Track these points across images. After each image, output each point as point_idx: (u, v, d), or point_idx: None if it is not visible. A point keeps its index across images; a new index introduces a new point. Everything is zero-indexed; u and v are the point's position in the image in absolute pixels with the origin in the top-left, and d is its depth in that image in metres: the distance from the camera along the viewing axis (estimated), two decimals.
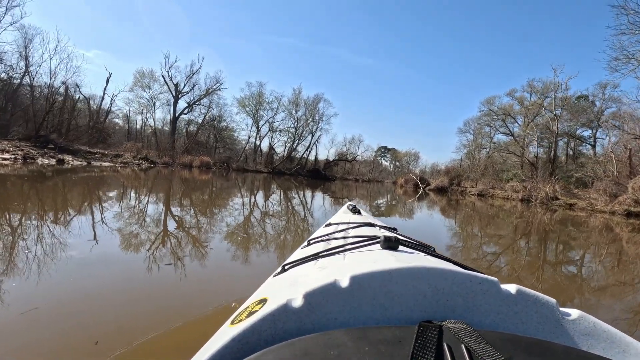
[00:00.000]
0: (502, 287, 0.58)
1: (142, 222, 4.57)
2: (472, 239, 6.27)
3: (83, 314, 1.85)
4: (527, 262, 4.43)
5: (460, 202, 17.08)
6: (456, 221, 9.22)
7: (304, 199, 12.28)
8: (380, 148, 57.26)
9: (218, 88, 36.54)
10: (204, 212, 6.10)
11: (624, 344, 0.52)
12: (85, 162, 19.72)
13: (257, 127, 40.19)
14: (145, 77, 35.29)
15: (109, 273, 2.54)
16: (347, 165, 47.15)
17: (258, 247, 3.93)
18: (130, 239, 3.62)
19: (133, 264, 2.82)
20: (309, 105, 40.57)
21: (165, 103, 36.22)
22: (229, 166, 34.16)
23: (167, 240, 3.73)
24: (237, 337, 0.49)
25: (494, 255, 4.66)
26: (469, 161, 34.81)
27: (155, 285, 2.38)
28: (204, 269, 2.87)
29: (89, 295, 2.10)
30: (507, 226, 8.64)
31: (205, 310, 1.97)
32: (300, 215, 7.31)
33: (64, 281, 2.28)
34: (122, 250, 3.17)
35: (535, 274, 3.83)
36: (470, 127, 38.75)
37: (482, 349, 0.41)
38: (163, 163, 27.70)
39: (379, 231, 1.36)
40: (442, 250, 4.34)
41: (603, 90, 27.48)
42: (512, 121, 34.77)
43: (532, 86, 31.90)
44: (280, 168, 38.41)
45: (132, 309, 1.98)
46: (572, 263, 4.80)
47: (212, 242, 3.74)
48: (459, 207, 14.12)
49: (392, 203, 14.30)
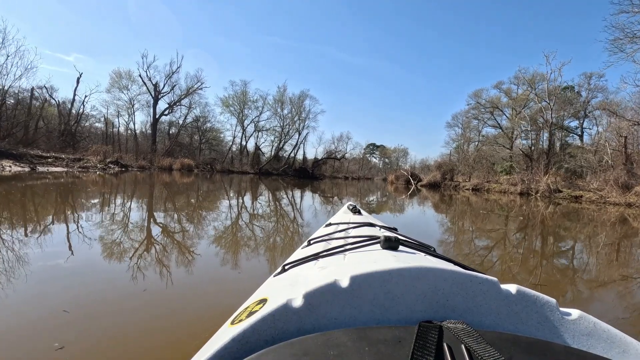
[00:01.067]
0: (502, 287, 0.58)
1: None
2: (474, 238, 5.83)
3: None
4: (540, 265, 4.01)
5: (454, 198, 16.39)
6: (454, 219, 8.70)
7: (293, 199, 11.97)
8: (369, 145, 56.79)
9: (199, 87, 35.15)
10: (172, 224, 5.31)
11: (624, 344, 0.52)
12: (28, 167, 17.08)
13: (242, 127, 38.99)
14: (123, 78, 33.38)
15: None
16: (336, 163, 46.34)
17: (247, 250, 3.88)
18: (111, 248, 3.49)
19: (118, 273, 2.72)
20: (294, 103, 39.51)
21: (145, 105, 34.52)
22: (213, 168, 32.73)
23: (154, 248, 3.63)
24: (237, 337, 0.49)
25: (501, 259, 4.31)
26: (459, 155, 34.12)
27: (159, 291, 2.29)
28: (190, 276, 2.81)
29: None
30: (510, 223, 8.04)
31: (204, 312, 1.97)
32: (289, 217, 7.14)
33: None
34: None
35: (555, 280, 3.42)
36: (458, 120, 38.65)
37: (482, 349, 0.41)
38: (139, 167, 26.00)
39: (379, 231, 1.36)
40: (442, 251, 3.51)
41: (588, 80, 27.90)
42: (499, 114, 34.94)
43: (519, 78, 32.08)
44: (267, 168, 37.31)
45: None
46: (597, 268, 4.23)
47: (196, 256, 3.70)
48: (454, 204, 13.45)
49: (383, 200, 13.91)
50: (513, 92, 34.47)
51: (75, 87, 30.63)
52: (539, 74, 30.70)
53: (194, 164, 30.79)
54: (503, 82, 34.26)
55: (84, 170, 19.41)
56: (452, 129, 39.62)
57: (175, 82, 34.78)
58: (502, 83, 34.36)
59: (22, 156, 19.34)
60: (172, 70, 34.10)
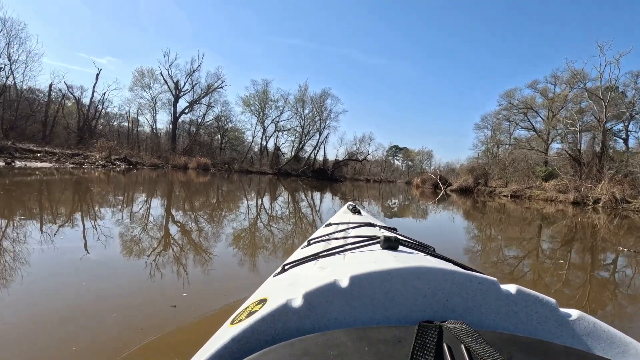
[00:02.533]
0: (502, 287, 0.58)
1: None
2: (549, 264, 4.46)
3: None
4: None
5: (492, 205, 14.22)
6: (512, 237, 6.81)
7: (311, 201, 11.52)
8: (392, 147, 55.00)
9: (220, 86, 34.42)
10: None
11: (623, 344, 0.52)
12: (2, 162, 15.01)
13: (262, 126, 37.83)
14: (145, 76, 32.98)
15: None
16: (358, 165, 44.52)
17: (252, 250, 3.87)
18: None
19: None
20: (315, 102, 38.19)
21: (167, 103, 34.10)
22: (231, 168, 31.67)
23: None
24: (236, 337, 0.50)
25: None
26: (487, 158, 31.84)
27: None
28: (206, 274, 2.87)
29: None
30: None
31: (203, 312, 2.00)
32: (307, 219, 7.01)
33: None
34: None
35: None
36: (488, 122, 36.62)
37: (482, 349, 0.41)
38: (152, 165, 25.00)
39: (379, 231, 1.37)
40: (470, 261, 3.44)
41: (635, 80, 25.41)
42: (533, 115, 32.42)
43: (557, 76, 30.23)
44: (287, 169, 36.14)
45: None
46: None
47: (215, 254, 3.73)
48: (503, 214, 11.10)
49: (407, 205, 13.04)
50: (550, 92, 31.66)
51: (94, 83, 30.81)
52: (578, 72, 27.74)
53: (210, 163, 29.66)
54: (538, 81, 32.17)
55: (77, 167, 17.80)
56: (481, 131, 37.71)
57: (196, 81, 34.16)
58: (537, 82, 32.22)
59: (2, 149, 17.24)
60: (192, 69, 33.78)
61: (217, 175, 22.96)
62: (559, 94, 31.07)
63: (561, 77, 31.09)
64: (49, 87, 27.37)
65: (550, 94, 31.64)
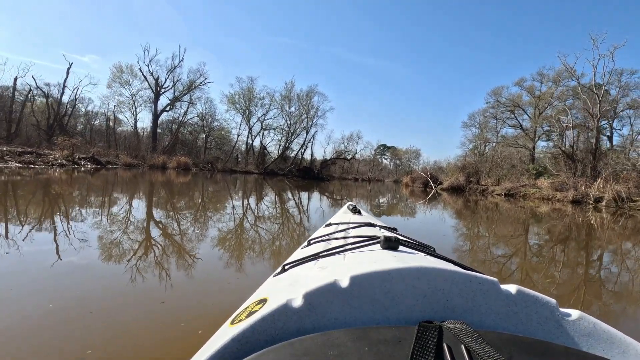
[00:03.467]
0: (502, 288, 0.58)
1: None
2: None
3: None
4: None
5: (486, 205, 13.45)
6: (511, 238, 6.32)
7: (296, 201, 11.09)
8: (380, 146, 54.66)
9: (203, 82, 33.03)
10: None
11: (624, 344, 0.53)
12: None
13: (248, 125, 36.55)
14: (124, 73, 31.34)
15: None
16: (346, 164, 43.69)
17: (248, 251, 3.70)
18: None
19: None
20: (302, 100, 37.08)
21: (147, 101, 32.43)
22: (214, 167, 30.30)
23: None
24: (236, 337, 0.50)
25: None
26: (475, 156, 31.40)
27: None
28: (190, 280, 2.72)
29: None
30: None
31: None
32: (294, 219, 6.73)
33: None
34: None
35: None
36: (475, 120, 36.69)
37: (482, 349, 0.42)
38: (126, 164, 23.48)
39: (379, 231, 1.37)
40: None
41: (619, 78, 25.41)
42: (520, 113, 32.67)
43: (543, 74, 30.60)
44: (273, 168, 35.05)
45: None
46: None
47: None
48: (500, 213, 10.33)
49: (402, 205, 12.21)
50: (536, 89, 31.79)
51: (65, 78, 29.02)
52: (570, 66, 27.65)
53: (191, 163, 28.25)
54: (525, 78, 32.55)
55: (25, 167, 15.92)
56: (468, 129, 37.80)
57: (177, 78, 32.70)
58: (523, 80, 32.53)
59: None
60: (173, 65, 32.30)
61: (199, 175, 22.09)
62: (545, 91, 31.29)
63: (547, 74, 31.21)
64: (14, 81, 25.63)
65: (536, 91, 31.74)
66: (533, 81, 31.28)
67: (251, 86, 37.29)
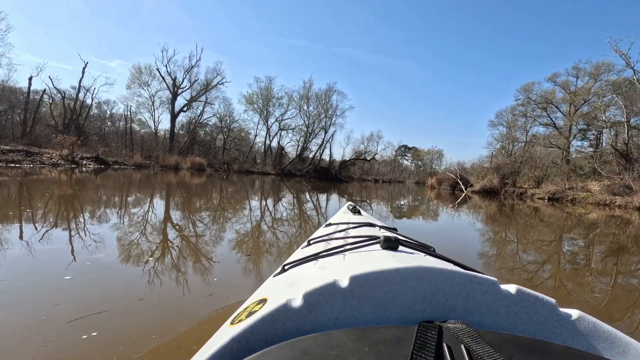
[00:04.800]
0: (502, 287, 0.58)
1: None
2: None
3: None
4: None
5: (528, 212, 11.49)
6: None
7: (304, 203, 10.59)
8: (401, 147, 53.48)
9: (220, 82, 32.29)
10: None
11: (623, 344, 0.53)
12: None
13: (266, 125, 35.76)
14: (143, 73, 31.21)
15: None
16: (366, 164, 42.16)
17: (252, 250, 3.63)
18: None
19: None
20: (320, 99, 35.93)
21: (166, 102, 32.13)
22: (230, 168, 29.52)
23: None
24: (236, 337, 0.50)
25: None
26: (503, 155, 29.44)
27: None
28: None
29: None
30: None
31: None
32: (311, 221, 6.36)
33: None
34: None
35: None
36: (503, 119, 34.55)
37: (482, 349, 0.42)
38: (135, 164, 22.91)
39: (379, 231, 1.38)
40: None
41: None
42: (553, 110, 31.22)
43: (579, 68, 28.53)
44: (290, 169, 34.00)
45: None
46: None
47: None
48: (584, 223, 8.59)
49: (432, 211, 10.74)
50: (571, 84, 29.55)
51: (80, 77, 28.92)
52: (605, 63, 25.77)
53: (205, 163, 27.56)
54: (559, 73, 30.42)
55: (5, 167, 14.87)
56: (495, 128, 35.85)
57: (195, 78, 32.31)
58: (557, 75, 30.76)
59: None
60: (191, 64, 31.88)
61: (215, 176, 21.78)
62: (582, 86, 28.90)
63: (584, 69, 28.84)
64: (29, 80, 25.68)
65: (571, 86, 29.48)
66: (568, 76, 29.69)
67: (269, 86, 36.88)
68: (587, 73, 28.45)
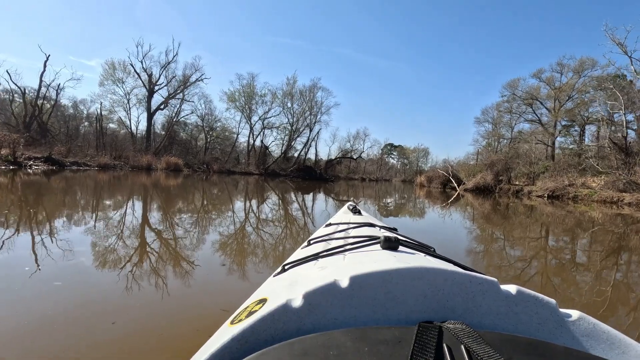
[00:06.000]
0: (502, 288, 0.59)
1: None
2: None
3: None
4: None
5: (539, 211, 10.59)
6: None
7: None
8: (387, 145, 52.97)
9: (199, 78, 30.77)
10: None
11: (624, 345, 0.53)
12: None
13: (249, 123, 34.31)
14: (117, 70, 29.24)
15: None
16: (352, 163, 41.26)
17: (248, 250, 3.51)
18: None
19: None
20: (305, 95, 34.69)
21: (142, 99, 30.32)
22: (210, 168, 27.97)
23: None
24: (236, 336, 0.50)
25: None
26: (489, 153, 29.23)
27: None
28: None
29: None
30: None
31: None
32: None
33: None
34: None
35: None
36: (488, 116, 34.59)
37: (482, 349, 0.42)
38: (100, 165, 21.20)
39: (379, 231, 1.37)
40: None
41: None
42: (538, 106, 31.26)
43: (563, 65, 28.55)
44: (274, 168, 32.67)
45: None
46: None
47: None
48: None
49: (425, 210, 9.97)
50: (556, 80, 29.71)
51: (42, 71, 26.26)
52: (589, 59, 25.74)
53: (182, 163, 25.90)
54: (543, 69, 30.48)
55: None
56: (481, 125, 36.00)
57: (173, 74, 30.54)
58: (542, 71, 30.94)
59: None
60: (167, 60, 30.20)
61: (193, 177, 20.51)
62: (566, 82, 28.88)
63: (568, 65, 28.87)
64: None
65: (556, 82, 29.43)
66: (552, 72, 29.98)
67: (252, 83, 35.68)
68: (572, 69, 28.75)
